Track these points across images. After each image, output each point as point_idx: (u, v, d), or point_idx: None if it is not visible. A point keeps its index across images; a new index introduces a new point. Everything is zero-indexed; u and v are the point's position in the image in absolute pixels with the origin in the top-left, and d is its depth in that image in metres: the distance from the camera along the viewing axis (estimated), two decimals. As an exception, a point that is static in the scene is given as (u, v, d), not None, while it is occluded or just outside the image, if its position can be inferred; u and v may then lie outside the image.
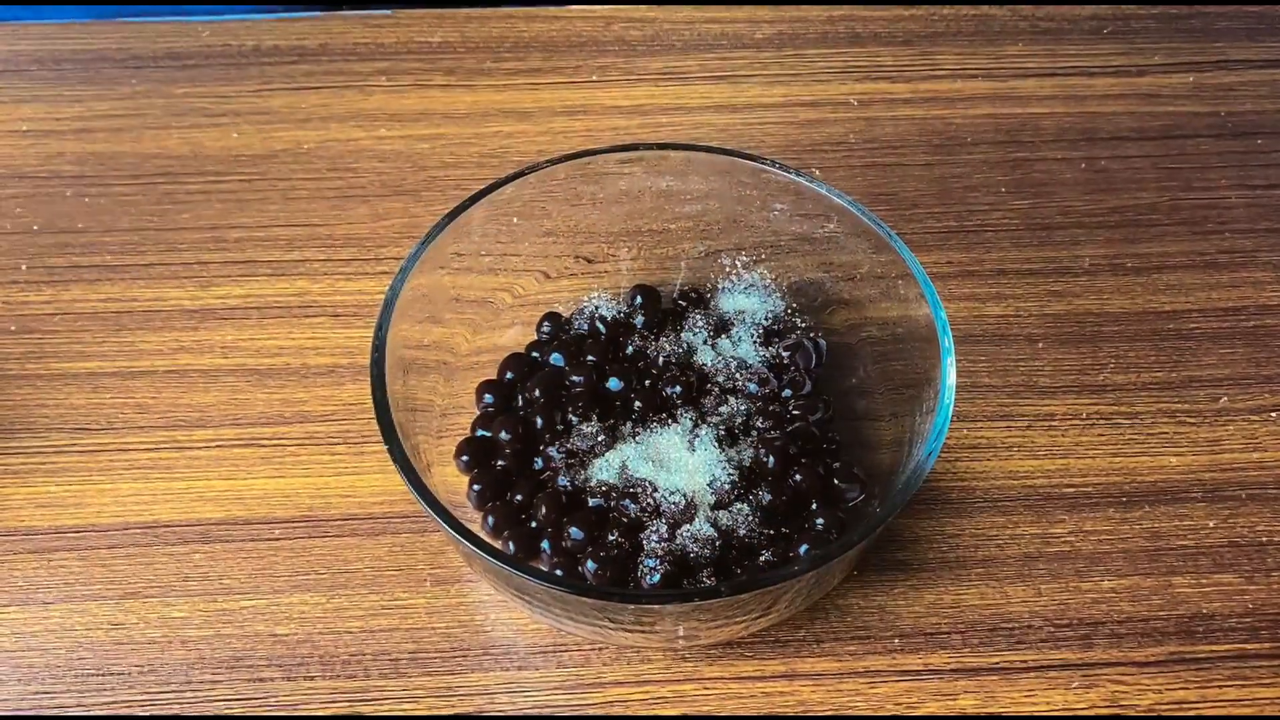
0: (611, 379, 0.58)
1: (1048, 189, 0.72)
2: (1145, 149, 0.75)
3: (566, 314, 0.63)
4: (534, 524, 0.55)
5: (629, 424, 0.57)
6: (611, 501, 0.54)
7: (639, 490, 0.53)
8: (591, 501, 0.54)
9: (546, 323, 0.62)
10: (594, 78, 0.79)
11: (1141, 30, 0.81)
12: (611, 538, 0.53)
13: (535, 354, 0.61)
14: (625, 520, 0.53)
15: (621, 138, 0.75)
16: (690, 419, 0.56)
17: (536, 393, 0.58)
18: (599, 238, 0.63)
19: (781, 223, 0.61)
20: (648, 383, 0.58)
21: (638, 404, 0.57)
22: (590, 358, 0.59)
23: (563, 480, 0.55)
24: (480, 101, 0.77)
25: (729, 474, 0.53)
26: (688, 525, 0.52)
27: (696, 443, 0.54)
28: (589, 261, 0.63)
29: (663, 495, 0.53)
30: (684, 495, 0.53)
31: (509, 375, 0.60)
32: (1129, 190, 0.72)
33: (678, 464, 0.54)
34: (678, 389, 0.57)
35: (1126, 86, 0.78)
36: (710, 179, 0.60)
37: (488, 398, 0.59)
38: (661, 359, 0.58)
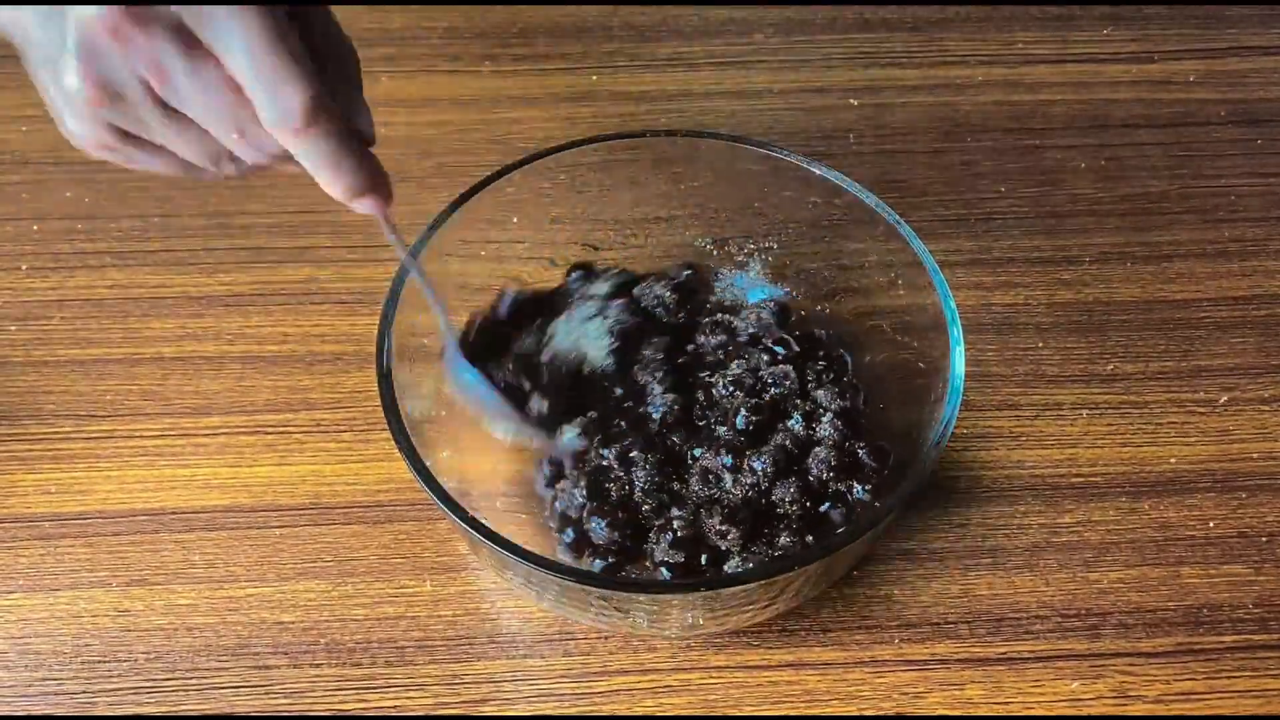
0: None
1: (1057, 176, 0.72)
2: (1156, 136, 0.74)
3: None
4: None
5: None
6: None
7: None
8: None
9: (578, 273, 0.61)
10: (601, 64, 0.78)
11: (1153, 17, 0.81)
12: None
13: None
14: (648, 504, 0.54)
15: (628, 124, 0.74)
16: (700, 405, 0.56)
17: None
18: (606, 225, 0.63)
19: (789, 210, 0.60)
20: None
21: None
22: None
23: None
24: (487, 88, 0.77)
25: (749, 459, 0.53)
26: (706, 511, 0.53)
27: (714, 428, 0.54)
28: (595, 249, 0.63)
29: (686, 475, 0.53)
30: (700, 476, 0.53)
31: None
32: (1139, 178, 0.72)
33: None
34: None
35: (1138, 73, 0.78)
36: (717, 166, 0.60)
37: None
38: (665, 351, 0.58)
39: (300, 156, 0.41)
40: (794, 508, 0.53)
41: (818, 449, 0.55)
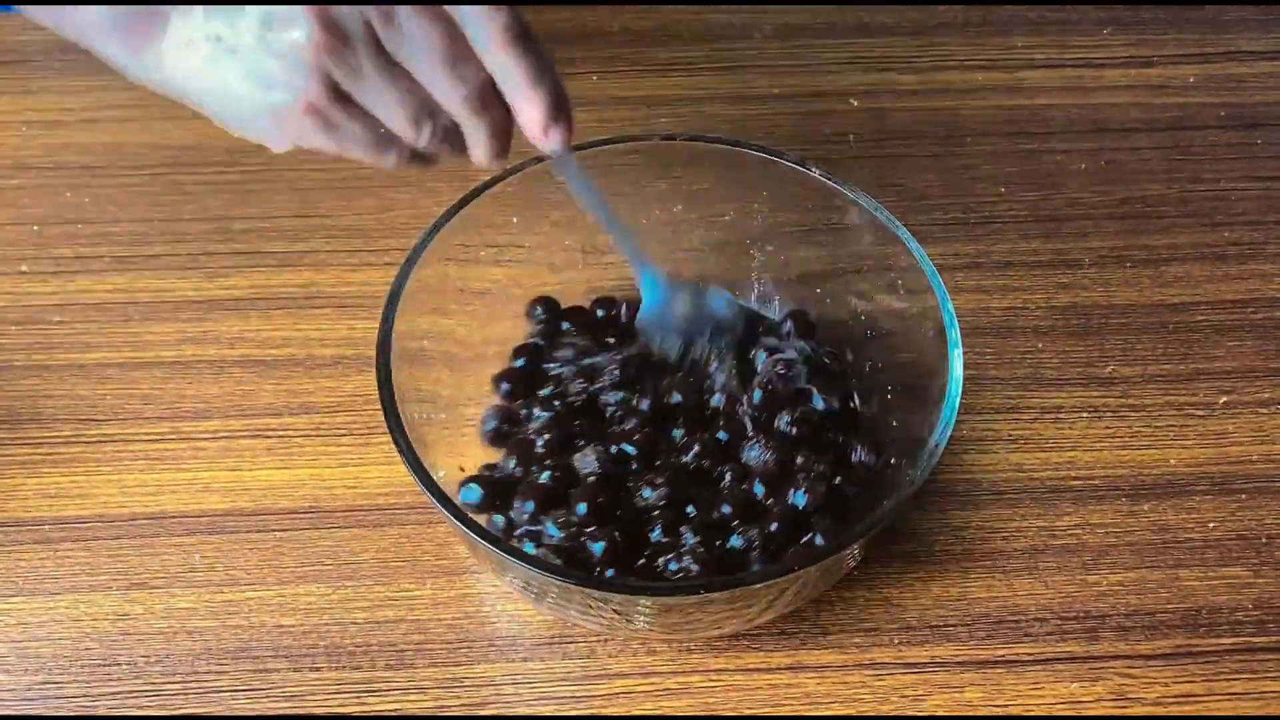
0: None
1: (1055, 180, 0.72)
2: (1154, 140, 0.74)
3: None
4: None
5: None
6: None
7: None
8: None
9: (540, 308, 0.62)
10: (601, 68, 0.78)
11: (1151, 21, 0.81)
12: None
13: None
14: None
15: (628, 129, 0.74)
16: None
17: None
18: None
19: (788, 214, 0.61)
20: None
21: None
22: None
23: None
24: (486, 92, 0.77)
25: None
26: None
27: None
28: (596, 252, 0.63)
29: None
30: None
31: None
32: (1137, 182, 0.72)
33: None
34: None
35: (1135, 78, 0.78)
36: (717, 169, 0.60)
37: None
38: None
39: (507, 71, 0.46)
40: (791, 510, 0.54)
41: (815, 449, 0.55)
